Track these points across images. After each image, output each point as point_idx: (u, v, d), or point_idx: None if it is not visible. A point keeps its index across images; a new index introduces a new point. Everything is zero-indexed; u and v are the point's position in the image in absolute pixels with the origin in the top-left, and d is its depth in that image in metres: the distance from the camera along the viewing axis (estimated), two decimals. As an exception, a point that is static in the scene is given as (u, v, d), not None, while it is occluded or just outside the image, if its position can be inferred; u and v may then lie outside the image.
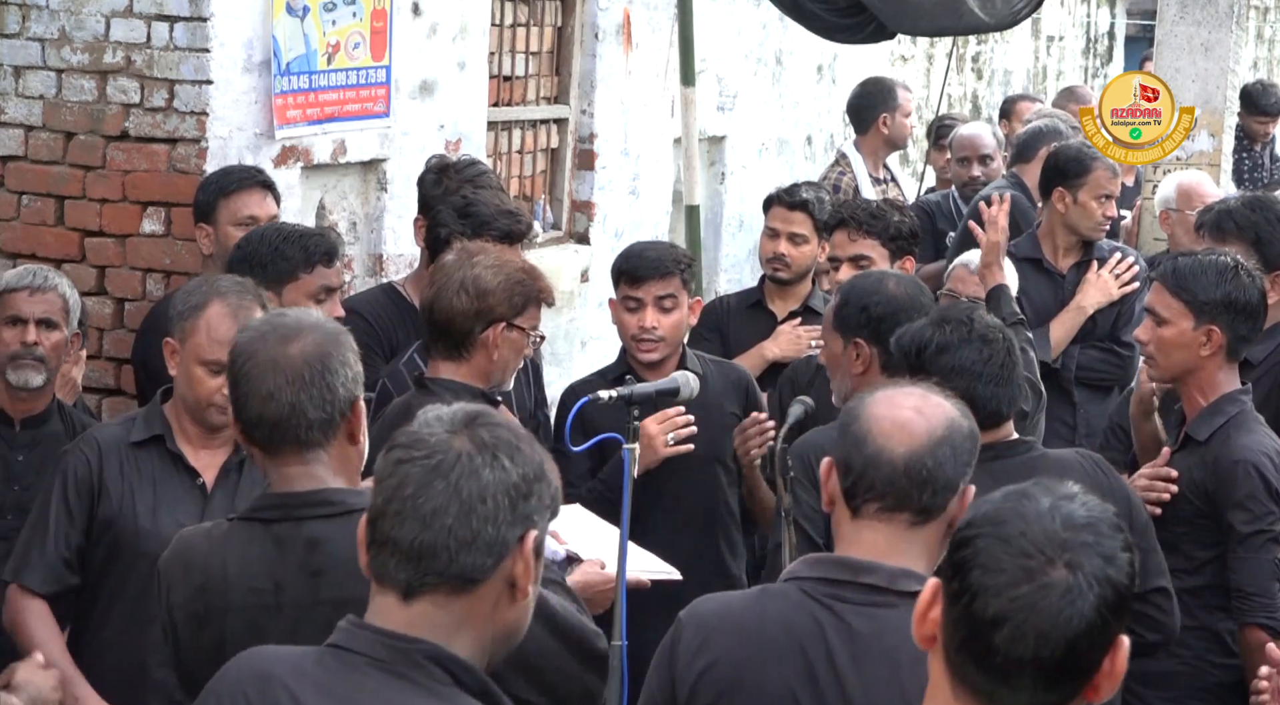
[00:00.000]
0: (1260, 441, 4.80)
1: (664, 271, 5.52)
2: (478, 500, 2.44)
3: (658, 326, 5.50)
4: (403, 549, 2.45)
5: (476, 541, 2.44)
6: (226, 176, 5.86)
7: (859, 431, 3.12)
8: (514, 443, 2.50)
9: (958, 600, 2.23)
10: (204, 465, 4.59)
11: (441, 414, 2.51)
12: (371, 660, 2.45)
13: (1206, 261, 4.88)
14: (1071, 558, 2.21)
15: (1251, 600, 4.73)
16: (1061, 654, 2.20)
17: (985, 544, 2.23)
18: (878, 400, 3.15)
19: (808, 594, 3.12)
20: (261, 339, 3.37)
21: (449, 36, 7.36)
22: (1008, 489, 2.30)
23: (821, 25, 8.43)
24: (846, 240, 6.04)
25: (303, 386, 3.32)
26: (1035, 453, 4.36)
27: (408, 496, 2.45)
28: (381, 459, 2.51)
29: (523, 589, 2.49)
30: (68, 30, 6.27)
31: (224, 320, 4.45)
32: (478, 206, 5.59)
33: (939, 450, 3.09)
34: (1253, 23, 15.45)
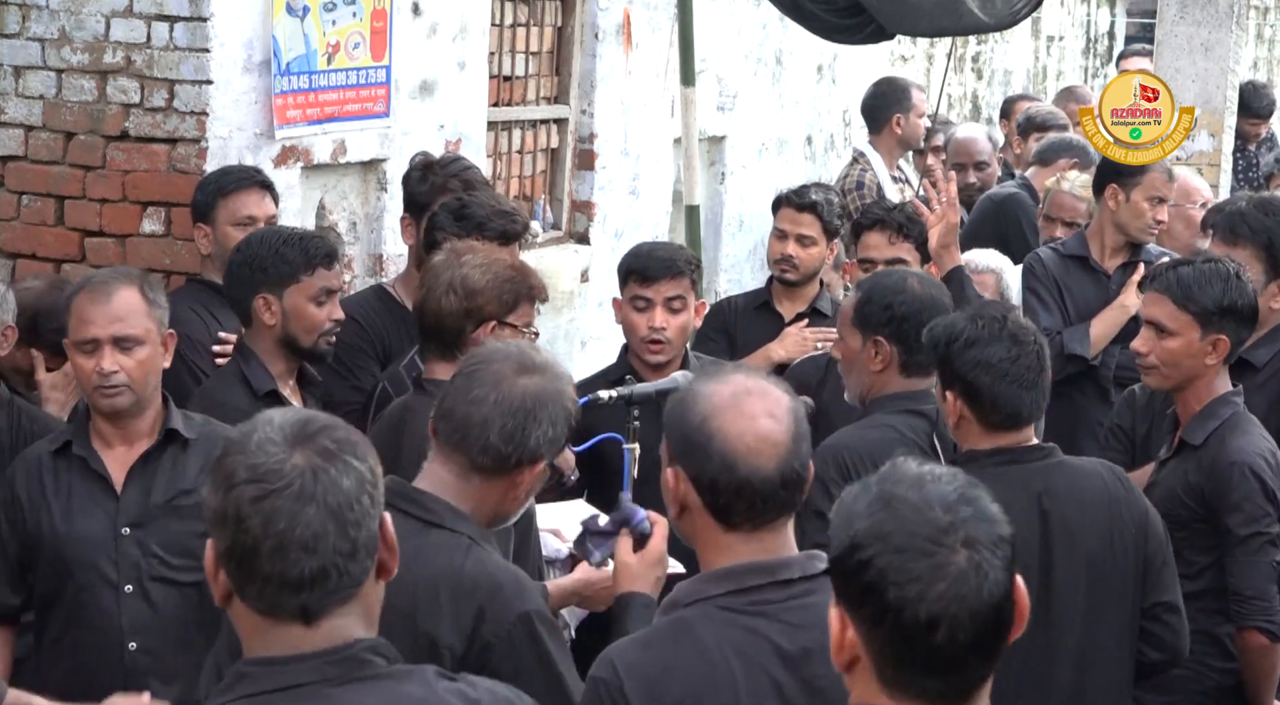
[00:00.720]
0: (1255, 443, 4.81)
1: (675, 272, 5.51)
2: (347, 509, 2.42)
3: (666, 327, 5.49)
4: (292, 582, 2.41)
5: (357, 548, 2.44)
6: (225, 176, 5.86)
7: (723, 452, 3.04)
8: (348, 438, 2.48)
9: (881, 620, 2.28)
10: (116, 464, 4.58)
11: (271, 434, 2.44)
12: (327, 682, 2.42)
13: (1208, 270, 4.87)
14: (965, 535, 2.29)
15: (1249, 603, 4.72)
16: (994, 622, 2.29)
17: (885, 562, 2.28)
18: (727, 412, 3.06)
19: (730, 610, 3.06)
20: (504, 359, 3.53)
21: (449, 36, 7.36)
22: (869, 500, 2.33)
23: (821, 26, 8.42)
24: (885, 243, 5.99)
25: (524, 419, 3.49)
26: (1053, 459, 4.33)
27: (283, 531, 2.39)
28: (225, 498, 2.42)
29: (389, 568, 2.51)
30: (68, 30, 6.27)
31: (83, 301, 4.57)
32: (473, 208, 5.58)
33: (800, 450, 3.08)
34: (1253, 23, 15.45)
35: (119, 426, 4.59)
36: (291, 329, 5.19)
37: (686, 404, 3.10)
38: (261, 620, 2.44)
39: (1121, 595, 4.30)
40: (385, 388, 5.20)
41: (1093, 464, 4.45)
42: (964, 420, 4.31)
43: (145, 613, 4.50)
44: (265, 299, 5.19)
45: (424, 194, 6.08)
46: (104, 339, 4.52)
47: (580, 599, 4.68)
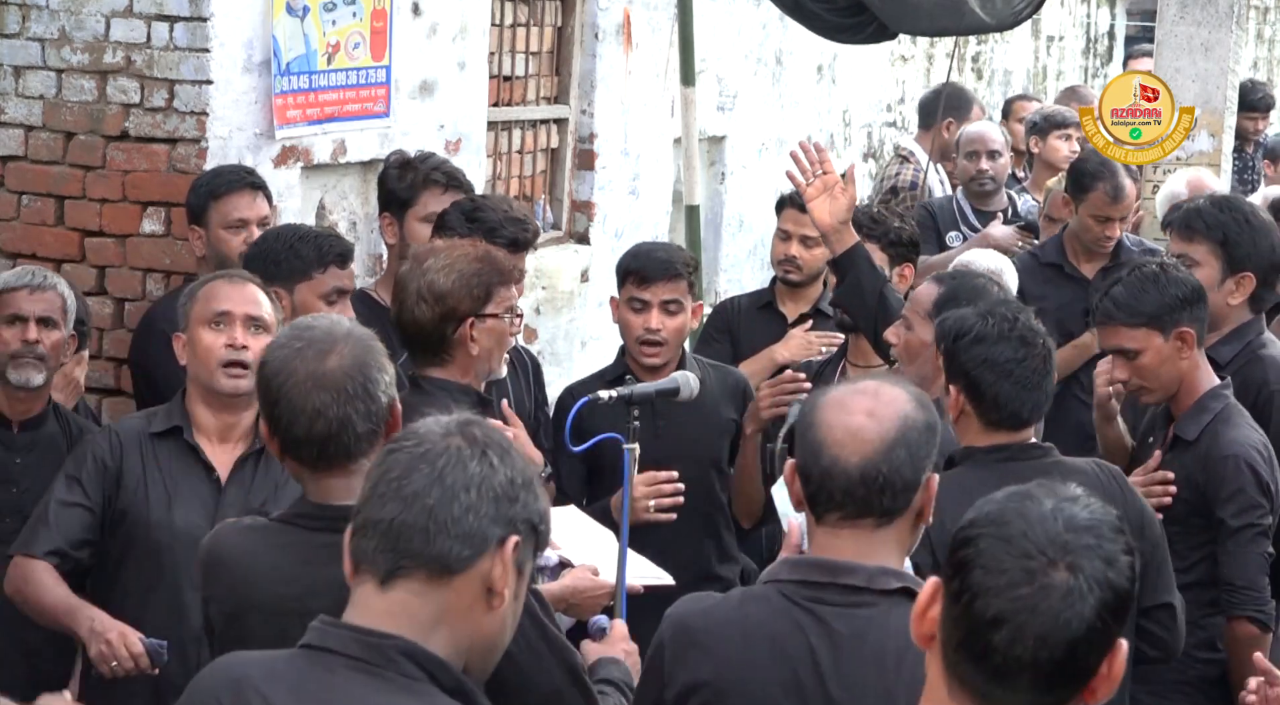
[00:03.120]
0: (1248, 436, 4.84)
1: (672, 273, 5.50)
2: (461, 488, 2.44)
3: (662, 328, 5.48)
4: (381, 529, 2.44)
5: (454, 527, 2.43)
6: (216, 178, 5.86)
7: (814, 440, 3.09)
8: (506, 446, 2.50)
9: (958, 599, 2.23)
10: (220, 459, 4.59)
11: (440, 417, 2.53)
12: (346, 658, 2.44)
13: (1135, 279, 4.88)
14: (1073, 560, 2.20)
15: (1240, 593, 4.75)
16: (1060, 656, 2.19)
17: (987, 544, 2.22)
18: (830, 404, 3.12)
19: (788, 597, 3.11)
20: (297, 355, 3.36)
21: (449, 36, 7.36)
22: (1011, 489, 2.29)
23: (822, 25, 8.42)
24: None
25: (348, 400, 3.33)
26: (1050, 459, 4.33)
27: (392, 479, 2.46)
28: (378, 454, 2.54)
29: (500, 594, 2.45)
30: (68, 30, 6.27)
31: (217, 284, 4.62)
32: (485, 212, 5.57)
33: (894, 454, 3.07)
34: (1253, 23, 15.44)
35: (224, 418, 4.59)
36: None
37: (812, 398, 3.19)
38: (353, 579, 2.51)
39: None
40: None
41: (1089, 464, 4.46)
42: (965, 416, 4.32)
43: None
44: (276, 292, 5.21)
45: (404, 190, 6.10)
46: (238, 314, 4.55)
47: (567, 606, 4.69)
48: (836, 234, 5.55)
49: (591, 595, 4.56)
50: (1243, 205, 5.59)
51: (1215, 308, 5.29)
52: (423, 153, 6.34)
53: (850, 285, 5.50)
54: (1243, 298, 5.36)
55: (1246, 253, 5.37)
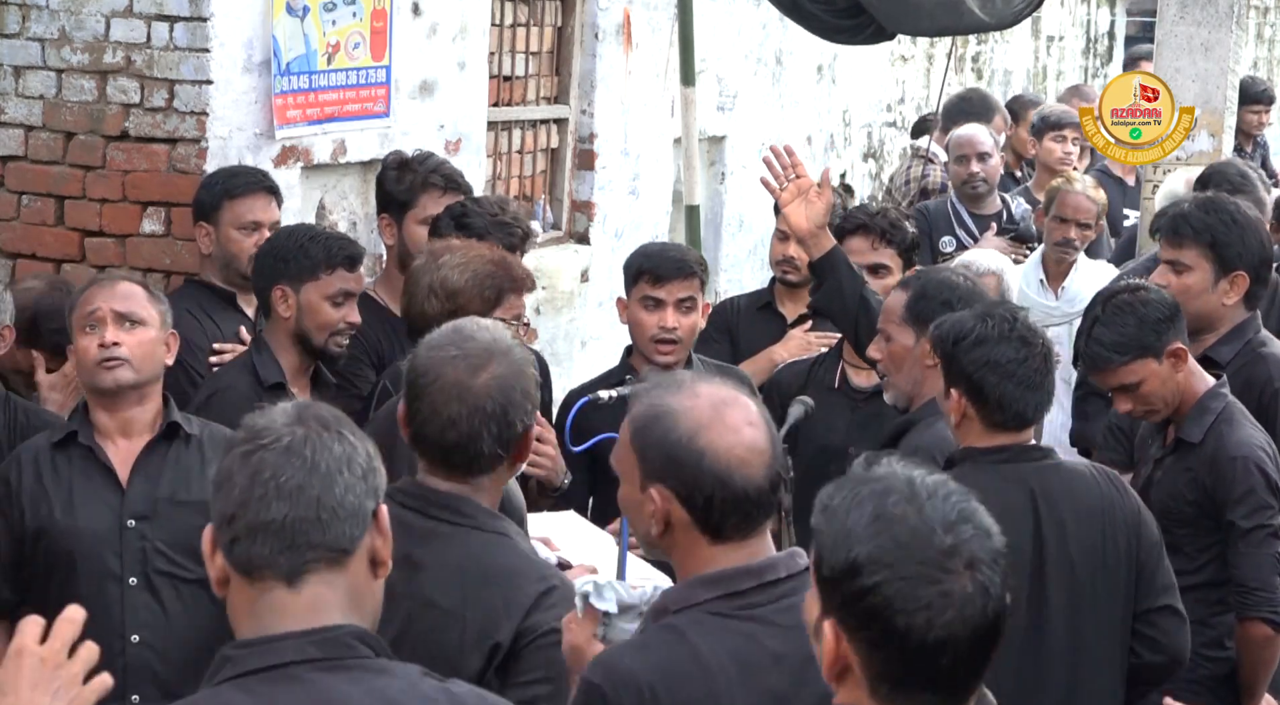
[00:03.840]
0: (1253, 436, 4.84)
1: (687, 272, 5.50)
2: (335, 472, 2.47)
3: (678, 327, 5.48)
4: (274, 529, 2.44)
5: (342, 510, 2.46)
6: (234, 178, 5.87)
7: (715, 468, 2.99)
8: (347, 421, 2.54)
9: (884, 644, 2.26)
10: (118, 457, 4.59)
11: (272, 412, 2.53)
12: (308, 664, 2.42)
13: (1113, 317, 4.85)
14: (969, 558, 2.27)
15: (1254, 595, 4.75)
16: (993, 635, 2.29)
17: (893, 590, 2.26)
18: (711, 427, 3.01)
19: (722, 615, 3.02)
20: (449, 362, 3.41)
21: (449, 36, 7.36)
22: (866, 517, 2.30)
23: (821, 26, 8.42)
24: (868, 248, 5.95)
25: (484, 420, 3.39)
26: (1049, 460, 4.34)
27: (268, 479, 2.45)
28: (225, 459, 2.51)
29: (384, 563, 2.52)
30: (68, 30, 6.27)
31: (90, 289, 4.66)
32: (473, 216, 5.58)
33: (778, 451, 3.07)
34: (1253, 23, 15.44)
35: (118, 414, 4.59)
36: (305, 324, 5.22)
37: (665, 422, 3.03)
38: (250, 590, 2.46)
39: (1112, 597, 4.31)
40: (385, 385, 5.20)
41: (1086, 466, 4.48)
42: (967, 419, 4.32)
43: (149, 606, 4.51)
44: (283, 290, 5.23)
45: (403, 192, 6.10)
46: (106, 312, 4.57)
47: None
48: (814, 238, 5.51)
49: None
50: (1227, 205, 5.59)
51: (1211, 309, 5.29)
52: (421, 153, 6.34)
53: (830, 289, 5.49)
54: (1238, 296, 5.37)
55: (1237, 252, 5.37)
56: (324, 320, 5.22)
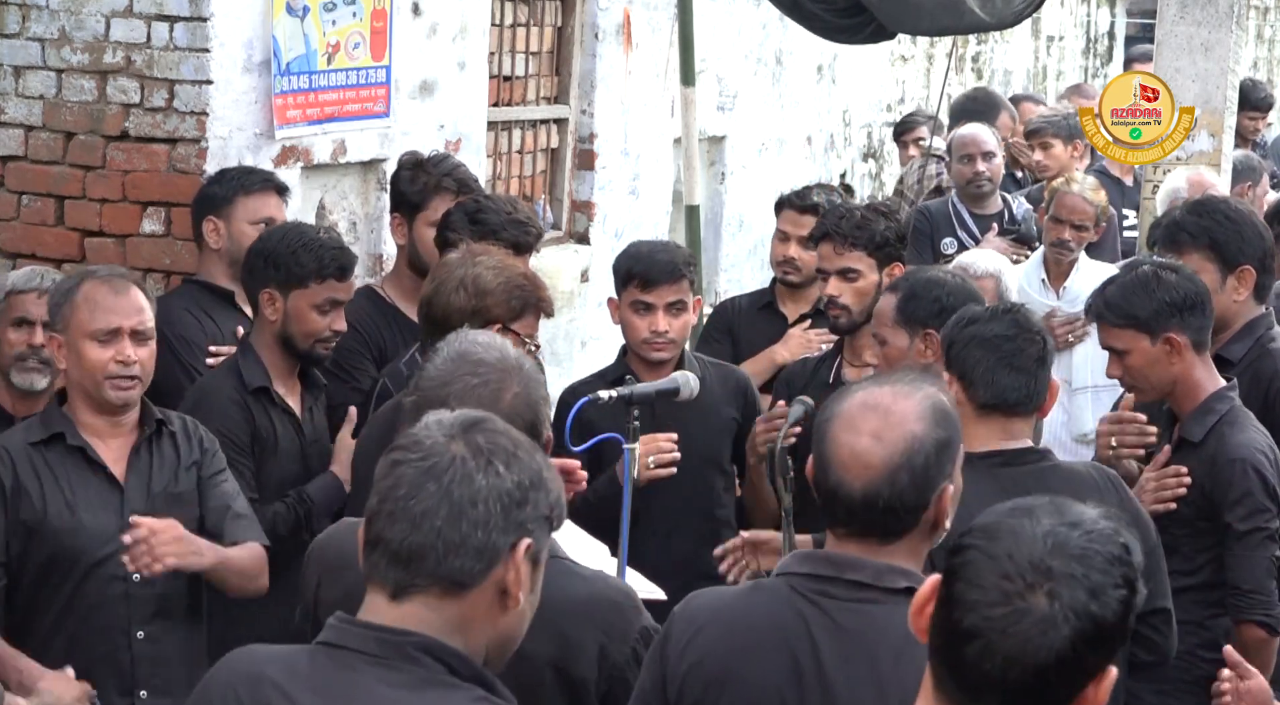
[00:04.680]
0: (1255, 439, 4.83)
1: (676, 276, 5.52)
2: (469, 504, 2.43)
3: (669, 329, 5.51)
4: (392, 549, 2.45)
5: (465, 545, 2.43)
6: (249, 175, 5.88)
7: (822, 456, 3.09)
8: (511, 450, 2.49)
9: (943, 606, 2.23)
10: (112, 456, 4.58)
11: (443, 418, 2.51)
12: (364, 655, 2.44)
13: (1127, 281, 4.92)
14: (1053, 587, 2.16)
15: (1248, 597, 4.75)
16: (1029, 680, 2.17)
17: (974, 557, 2.21)
18: (841, 419, 3.09)
19: (796, 590, 3.11)
20: (472, 392, 3.31)
21: (449, 36, 7.36)
22: (1020, 502, 2.27)
23: (821, 25, 8.42)
24: (833, 253, 5.94)
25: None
26: (1047, 463, 4.34)
27: (400, 497, 2.45)
28: (381, 461, 2.51)
29: (514, 597, 2.47)
30: (68, 30, 6.27)
31: (100, 290, 4.57)
32: (488, 213, 5.59)
33: (897, 478, 3.04)
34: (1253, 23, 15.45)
35: (112, 420, 4.59)
36: (290, 329, 5.24)
37: (835, 396, 3.16)
38: (367, 586, 2.49)
39: None
40: (385, 384, 5.21)
41: (1085, 467, 4.47)
42: (959, 407, 4.33)
43: (153, 601, 4.52)
44: (270, 294, 5.24)
45: (416, 194, 6.09)
46: (126, 329, 4.53)
47: None
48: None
49: None
50: (1218, 203, 5.59)
51: (1222, 308, 5.29)
52: (437, 155, 6.30)
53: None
54: (1247, 291, 5.37)
55: (1238, 247, 5.37)
56: (310, 328, 5.24)
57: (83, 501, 4.54)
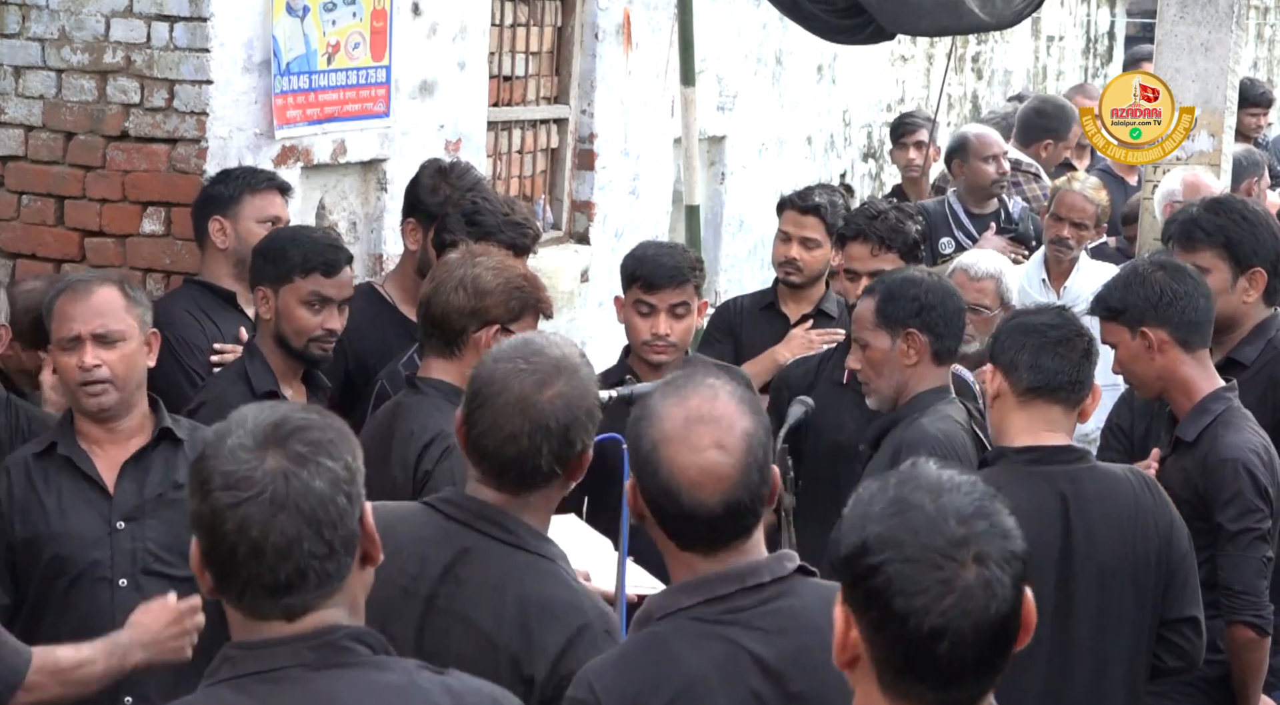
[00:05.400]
0: (1248, 440, 4.83)
1: (680, 280, 5.52)
2: (321, 511, 2.43)
3: (670, 333, 5.51)
4: (269, 586, 2.44)
5: (334, 549, 2.45)
6: (255, 175, 5.89)
7: (667, 482, 3.01)
8: (322, 439, 2.48)
9: (884, 627, 2.26)
10: (105, 464, 4.58)
11: (244, 439, 2.46)
12: (304, 666, 2.44)
13: (1116, 276, 5.03)
14: (977, 550, 2.26)
15: (1239, 598, 4.75)
16: (998, 638, 2.27)
17: (894, 569, 2.25)
18: (675, 442, 3.01)
19: (704, 620, 3.02)
20: (517, 375, 3.35)
21: (449, 36, 7.36)
22: (886, 502, 2.30)
23: (821, 26, 8.43)
24: (868, 255, 5.95)
25: (545, 437, 3.34)
26: (1083, 463, 4.37)
27: (258, 538, 2.42)
28: (201, 503, 2.45)
29: (374, 557, 2.52)
30: (68, 30, 6.27)
31: (64, 300, 4.57)
32: (485, 215, 5.59)
33: (750, 480, 3.01)
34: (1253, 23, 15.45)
35: (105, 426, 4.58)
36: (282, 327, 5.23)
37: (643, 424, 3.06)
38: (246, 618, 2.48)
39: (1140, 603, 4.34)
40: (383, 385, 5.20)
41: (1124, 471, 4.48)
42: (1000, 396, 4.39)
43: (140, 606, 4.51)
44: (264, 292, 5.25)
45: (436, 205, 6.04)
46: (85, 335, 4.52)
47: None
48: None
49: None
50: (1236, 203, 5.60)
51: (1233, 309, 5.30)
52: (460, 166, 6.25)
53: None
54: (1257, 293, 5.38)
55: (1251, 249, 5.38)
56: (299, 325, 5.22)
57: (71, 509, 4.54)
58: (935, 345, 4.92)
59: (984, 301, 6.26)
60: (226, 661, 2.47)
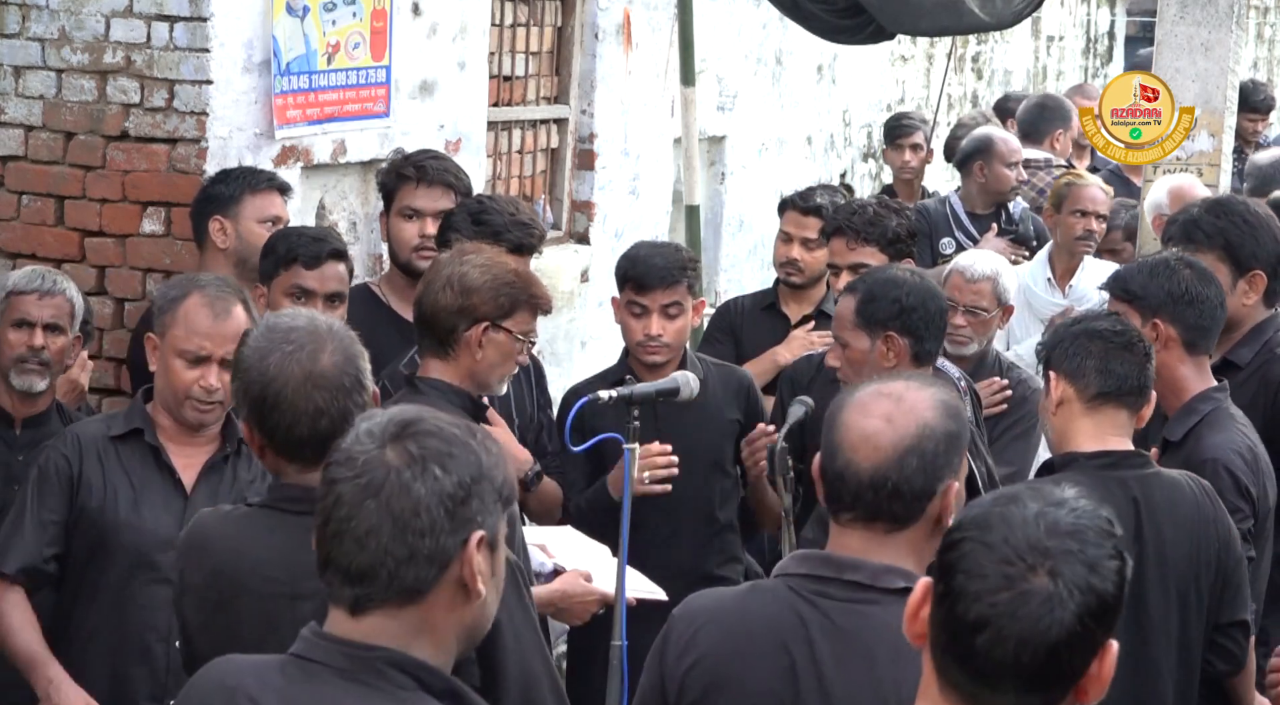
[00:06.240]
0: (1232, 439, 4.83)
1: (671, 280, 5.51)
2: (411, 515, 2.42)
3: (663, 333, 5.50)
4: (342, 569, 2.45)
5: (415, 556, 2.43)
6: (255, 175, 5.90)
7: (832, 441, 3.12)
8: (445, 450, 2.46)
9: (943, 602, 2.25)
10: (184, 463, 4.60)
11: (372, 427, 2.48)
12: (333, 669, 2.45)
13: (1143, 262, 5.03)
14: (1053, 565, 2.21)
15: None
16: (1042, 660, 2.21)
17: (970, 548, 2.24)
18: (853, 406, 3.13)
19: (794, 590, 3.12)
20: (290, 358, 3.34)
21: (449, 36, 7.36)
22: (1000, 492, 2.32)
23: (821, 26, 8.43)
24: (845, 248, 5.98)
25: (346, 395, 3.34)
26: (1148, 470, 4.38)
27: (342, 518, 2.44)
28: (321, 478, 2.51)
29: (474, 590, 2.47)
30: (68, 30, 6.27)
31: (200, 311, 4.56)
32: (491, 214, 5.59)
33: (905, 462, 3.06)
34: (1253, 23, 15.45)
35: (188, 430, 4.61)
36: None
37: (842, 395, 3.21)
38: (329, 603, 2.50)
39: (1199, 609, 4.37)
40: (384, 385, 5.21)
41: (1184, 476, 4.49)
42: (1065, 403, 4.37)
43: None
44: (260, 289, 5.28)
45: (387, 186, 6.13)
46: (216, 358, 4.53)
47: (556, 610, 4.69)
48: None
49: (581, 600, 4.58)
50: (1237, 205, 5.60)
51: (1233, 311, 5.30)
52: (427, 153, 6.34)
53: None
54: (1257, 296, 5.38)
55: (1251, 251, 5.38)
56: None
57: (146, 500, 4.56)
58: (915, 347, 4.90)
59: (981, 303, 6.26)
60: (300, 638, 2.52)
